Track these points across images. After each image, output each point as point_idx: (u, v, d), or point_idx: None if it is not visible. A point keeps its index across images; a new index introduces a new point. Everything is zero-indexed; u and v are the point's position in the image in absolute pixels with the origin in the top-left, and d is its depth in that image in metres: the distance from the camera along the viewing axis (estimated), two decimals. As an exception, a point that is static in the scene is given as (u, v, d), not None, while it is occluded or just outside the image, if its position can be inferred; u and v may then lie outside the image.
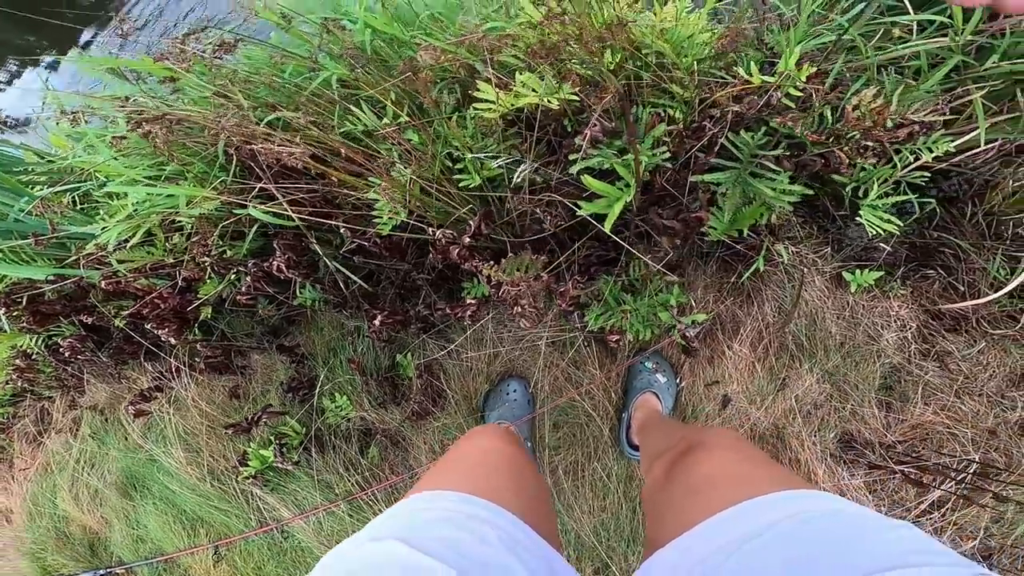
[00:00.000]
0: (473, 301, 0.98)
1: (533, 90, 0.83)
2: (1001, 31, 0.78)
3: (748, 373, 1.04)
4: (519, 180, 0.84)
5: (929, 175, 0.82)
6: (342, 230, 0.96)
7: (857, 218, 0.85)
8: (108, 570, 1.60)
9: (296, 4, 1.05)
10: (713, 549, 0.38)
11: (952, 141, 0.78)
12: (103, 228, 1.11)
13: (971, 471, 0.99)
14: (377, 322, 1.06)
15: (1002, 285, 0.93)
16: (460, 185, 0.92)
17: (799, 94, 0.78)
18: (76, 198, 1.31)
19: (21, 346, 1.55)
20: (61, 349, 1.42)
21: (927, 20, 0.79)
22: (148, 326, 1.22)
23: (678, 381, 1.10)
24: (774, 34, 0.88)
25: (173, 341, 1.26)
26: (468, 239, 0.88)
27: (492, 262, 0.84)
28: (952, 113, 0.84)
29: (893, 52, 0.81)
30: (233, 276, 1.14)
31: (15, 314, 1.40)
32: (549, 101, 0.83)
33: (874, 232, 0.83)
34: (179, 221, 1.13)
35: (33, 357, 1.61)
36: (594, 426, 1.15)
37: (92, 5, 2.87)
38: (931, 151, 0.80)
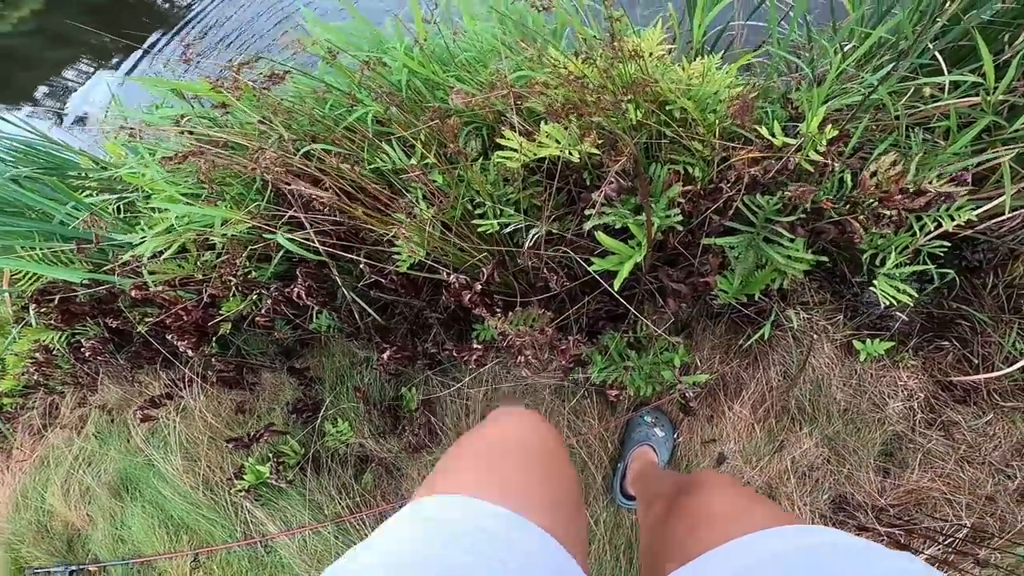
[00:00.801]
0: (479, 347, 1.01)
1: (557, 141, 0.87)
2: None
3: (746, 433, 1.04)
4: (531, 243, 0.86)
5: (949, 244, 0.80)
6: (361, 265, 1.00)
7: (871, 287, 0.85)
8: (80, 567, 1.61)
9: (343, 40, 1.12)
10: None
11: (975, 209, 0.77)
12: (141, 239, 1.17)
13: (961, 536, 0.96)
14: (386, 356, 1.09)
15: (1017, 359, 0.92)
16: (479, 230, 0.96)
17: (819, 158, 0.79)
18: (121, 206, 1.39)
19: (44, 341, 1.61)
20: (82, 348, 1.47)
21: (961, 80, 0.77)
22: (169, 336, 1.27)
23: (676, 436, 1.09)
24: (801, 91, 0.89)
25: (191, 353, 1.31)
26: (480, 285, 0.91)
27: (499, 313, 0.87)
28: (977, 178, 0.82)
29: (922, 111, 0.80)
30: (255, 297, 1.18)
31: (44, 311, 1.46)
32: (570, 153, 0.87)
33: (887, 303, 0.83)
34: (212, 240, 1.19)
35: (53, 352, 1.67)
36: (588, 473, 1.14)
37: (166, 17, 3.08)
38: (952, 219, 0.78)
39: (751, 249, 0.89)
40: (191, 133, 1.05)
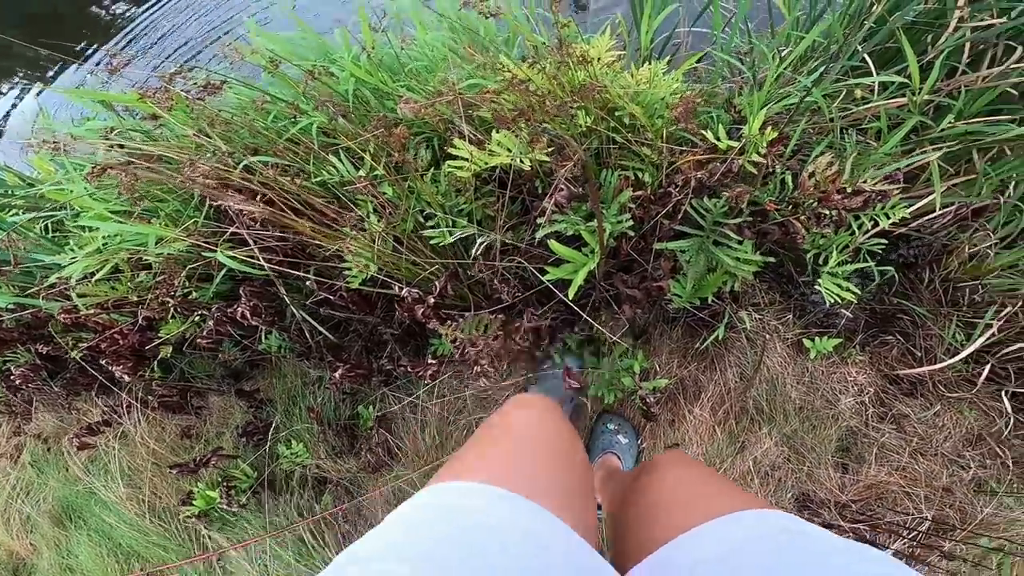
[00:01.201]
0: (434, 361, 0.98)
1: (508, 149, 0.85)
2: (958, 90, 0.82)
3: (708, 436, 1.04)
4: (477, 252, 0.84)
5: (887, 242, 0.84)
6: (308, 283, 0.96)
7: (816, 286, 0.87)
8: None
9: (288, 50, 1.08)
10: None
11: (909, 207, 0.80)
12: (70, 260, 1.09)
13: (923, 529, 0.99)
14: (338, 374, 1.05)
15: (958, 351, 0.95)
16: (431, 242, 0.93)
17: (761, 160, 0.80)
18: (49, 225, 1.29)
19: (-29, 371, 1.48)
20: (12, 376, 1.37)
21: (888, 80, 0.80)
22: (104, 361, 1.19)
23: (639, 442, 1.09)
24: (743, 96, 0.91)
25: (127, 378, 1.23)
26: (433, 299, 0.89)
27: (452, 322, 0.84)
28: (909, 177, 0.86)
29: (855, 113, 0.84)
30: (197, 318, 1.12)
31: (-32, 340, 1.35)
32: (521, 161, 0.86)
33: (832, 300, 0.85)
34: (147, 259, 1.12)
35: (-18, 382, 1.54)
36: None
37: (106, 29, 2.95)
38: (888, 217, 0.81)
39: (702, 253, 0.89)
40: (121, 147, 0.98)
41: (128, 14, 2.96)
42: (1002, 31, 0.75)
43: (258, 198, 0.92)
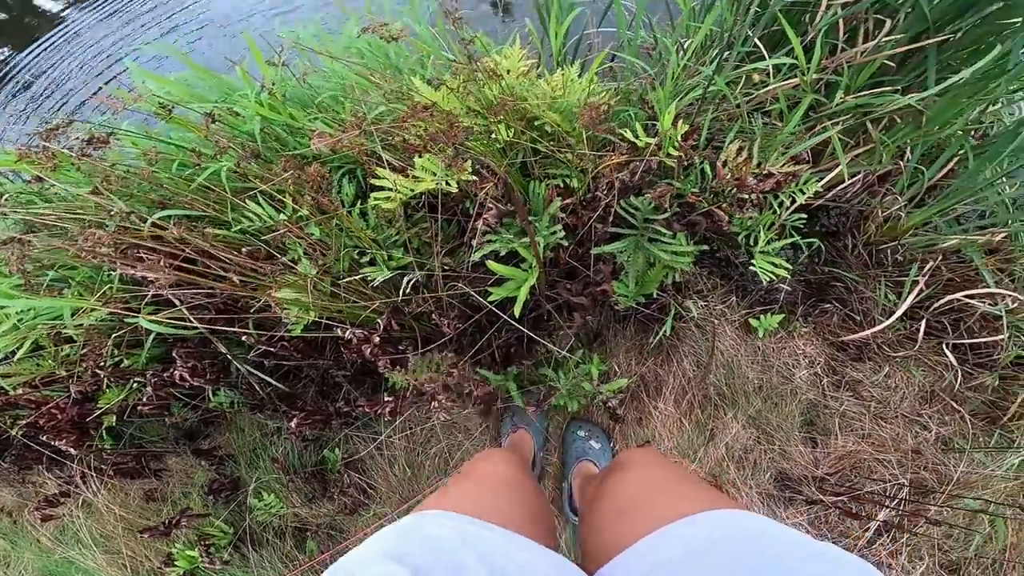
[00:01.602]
0: (391, 399, 0.95)
1: (433, 173, 0.83)
2: (841, 66, 0.86)
3: (677, 429, 1.04)
4: (407, 289, 0.82)
5: (807, 216, 0.88)
6: (244, 338, 0.91)
7: (752, 266, 0.89)
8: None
9: (185, 92, 1.02)
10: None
11: (820, 180, 0.84)
12: (-16, 342, 1.00)
13: (903, 496, 1.01)
14: (294, 424, 1.00)
15: (892, 311, 0.99)
16: (368, 280, 0.90)
17: (678, 154, 0.82)
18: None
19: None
20: (-52, 465, 1.25)
21: (780, 63, 0.85)
22: (44, 437, 1.11)
23: (612, 445, 1.08)
24: (655, 92, 0.93)
25: (73, 451, 1.15)
26: (378, 337, 0.85)
27: (400, 367, 0.81)
28: (816, 153, 0.90)
29: (757, 96, 0.87)
30: (135, 385, 1.05)
31: None
32: (448, 184, 0.84)
33: (767, 278, 0.87)
34: (68, 332, 1.04)
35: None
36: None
37: None
38: (803, 192, 0.85)
39: (638, 251, 0.89)
40: (4, 215, 0.91)
41: (7, 59, 2.70)
42: (868, 5, 0.78)
43: (174, 256, 0.87)
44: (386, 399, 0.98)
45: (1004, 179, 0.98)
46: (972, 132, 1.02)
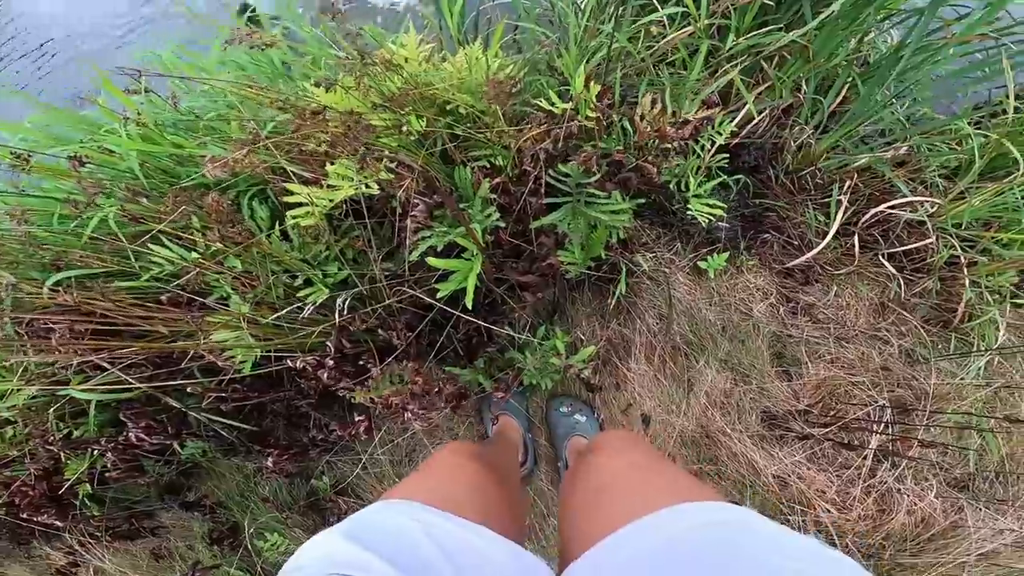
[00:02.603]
0: (362, 417, 0.91)
1: (349, 179, 0.79)
2: (727, 10, 0.87)
3: (655, 386, 1.05)
4: (343, 307, 0.78)
5: (729, 155, 0.90)
6: (190, 388, 0.85)
7: (689, 210, 0.90)
8: None
9: (43, 137, 0.92)
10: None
11: (732, 121, 0.87)
12: None
13: (887, 419, 1.02)
14: (270, 462, 0.95)
15: (825, 232, 1.03)
16: (307, 301, 0.85)
17: (595, 115, 0.81)
18: None
19: None
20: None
21: (673, 12, 0.86)
22: (24, 515, 1.03)
23: (597, 415, 1.08)
24: (563, 57, 0.92)
25: (59, 524, 1.07)
26: (331, 360, 0.81)
27: (362, 385, 0.78)
28: (724, 96, 0.93)
29: (659, 48, 0.88)
30: (95, 452, 0.98)
31: None
32: (367, 187, 0.79)
33: (706, 219, 0.89)
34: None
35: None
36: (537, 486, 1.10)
37: None
38: (720, 134, 0.88)
39: (577, 216, 0.89)
40: None
41: None
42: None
43: (90, 316, 0.79)
44: (358, 419, 0.94)
45: (895, 100, 1.03)
46: (855, 61, 1.08)
